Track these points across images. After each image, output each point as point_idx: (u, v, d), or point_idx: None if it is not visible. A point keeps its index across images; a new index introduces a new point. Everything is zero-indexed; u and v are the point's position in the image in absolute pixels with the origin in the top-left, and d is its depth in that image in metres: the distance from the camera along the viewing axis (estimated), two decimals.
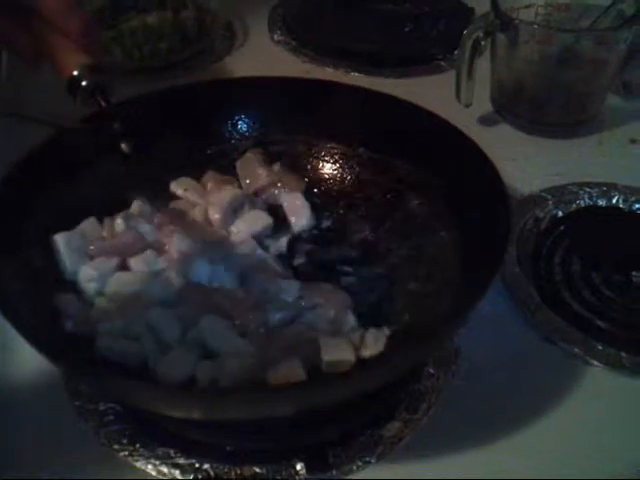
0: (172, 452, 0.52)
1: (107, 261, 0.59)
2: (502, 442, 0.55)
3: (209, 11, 0.99)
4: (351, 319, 0.57)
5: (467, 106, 0.82)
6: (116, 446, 0.52)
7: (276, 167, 0.69)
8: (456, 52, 0.91)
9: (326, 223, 0.67)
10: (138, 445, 0.52)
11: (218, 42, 0.97)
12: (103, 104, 0.65)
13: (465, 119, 0.69)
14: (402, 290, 0.60)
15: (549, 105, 0.82)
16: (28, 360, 0.58)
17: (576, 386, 0.58)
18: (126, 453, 0.52)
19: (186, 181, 0.68)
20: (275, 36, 0.99)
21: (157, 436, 0.53)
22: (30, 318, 0.50)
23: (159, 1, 0.97)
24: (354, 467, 0.52)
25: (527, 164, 0.78)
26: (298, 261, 0.64)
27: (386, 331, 0.55)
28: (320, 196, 0.69)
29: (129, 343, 0.54)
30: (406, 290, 0.60)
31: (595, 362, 0.59)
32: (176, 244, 0.61)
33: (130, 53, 0.90)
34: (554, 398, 0.58)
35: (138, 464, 0.52)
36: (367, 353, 0.54)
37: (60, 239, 0.59)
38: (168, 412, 0.49)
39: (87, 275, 0.58)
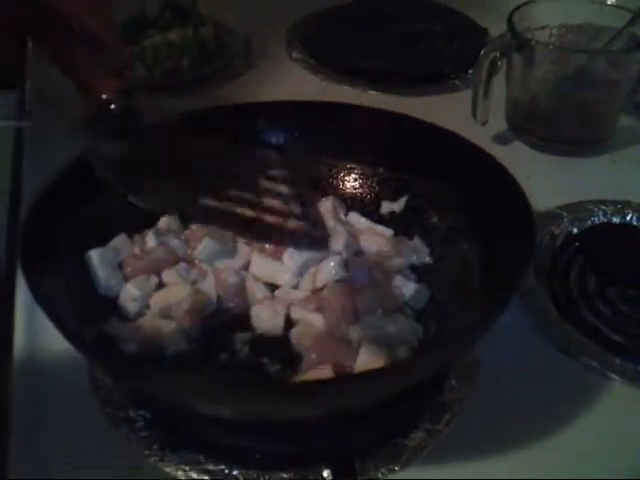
0: (202, 458, 0.53)
1: (148, 280, 0.61)
2: (521, 453, 0.55)
3: (227, 28, 1.01)
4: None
5: (483, 124, 0.84)
6: (146, 452, 0.53)
7: None
8: (470, 71, 0.94)
9: None
10: (168, 451, 0.53)
11: (237, 59, 0.99)
12: (132, 127, 0.67)
13: (480, 137, 0.70)
14: (430, 301, 0.62)
15: (563, 124, 0.84)
16: (57, 367, 0.60)
17: (594, 399, 0.59)
18: (156, 459, 0.53)
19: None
20: (293, 54, 1.01)
21: (187, 442, 0.54)
22: (69, 323, 0.51)
23: (179, 18, 0.99)
24: (379, 475, 0.53)
25: (542, 181, 0.79)
26: None
27: (414, 342, 0.57)
28: None
29: None
30: (433, 301, 0.62)
31: (613, 376, 0.60)
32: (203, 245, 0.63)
33: (152, 69, 0.92)
34: (572, 411, 0.59)
35: (168, 469, 0.53)
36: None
37: (94, 255, 0.61)
38: (200, 406, 0.50)
39: (130, 295, 0.60)
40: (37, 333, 0.61)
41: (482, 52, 0.80)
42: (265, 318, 0.60)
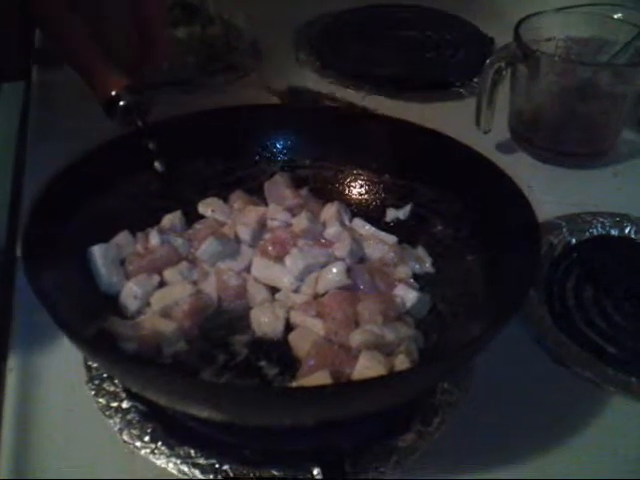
0: (193, 452, 0.53)
1: (149, 278, 0.61)
2: (512, 459, 0.56)
3: (236, 28, 1.02)
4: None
5: (486, 132, 0.84)
6: (138, 443, 0.54)
7: (303, 191, 0.71)
8: (475, 80, 0.94)
9: None
10: (160, 444, 0.54)
11: (244, 59, 0.99)
12: (140, 124, 0.68)
13: (482, 145, 0.71)
14: (431, 310, 0.62)
15: (566, 136, 0.85)
16: (52, 358, 0.60)
17: (586, 408, 0.60)
18: (148, 451, 0.53)
19: (213, 202, 0.70)
20: (300, 56, 1.01)
21: (179, 435, 0.54)
22: (68, 318, 0.52)
23: (187, 16, 0.99)
24: (369, 475, 0.53)
25: (542, 192, 0.79)
26: None
27: (414, 350, 0.57)
28: None
29: None
30: (435, 310, 0.62)
31: (606, 386, 0.61)
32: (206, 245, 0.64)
33: (159, 66, 0.92)
34: (565, 420, 0.59)
35: (159, 462, 0.53)
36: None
37: (97, 251, 0.61)
38: (190, 409, 0.51)
39: (131, 292, 0.60)
40: (33, 324, 0.61)
41: (487, 61, 0.81)
42: (265, 321, 0.60)
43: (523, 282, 0.55)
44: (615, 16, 0.84)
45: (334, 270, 0.62)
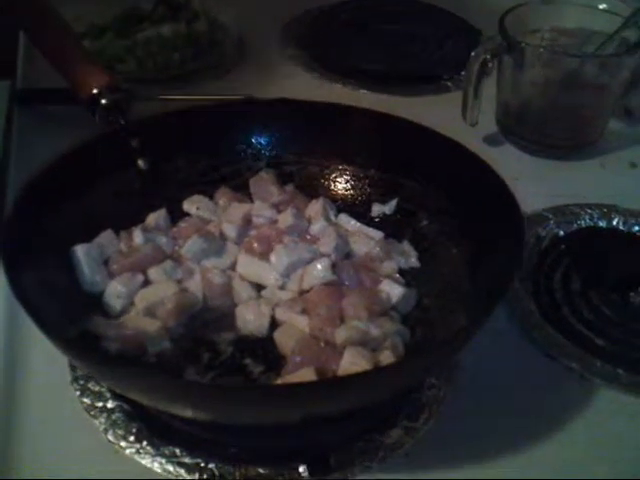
0: (178, 451, 0.53)
1: (133, 277, 0.61)
2: (501, 453, 0.56)
3: (221, 24, 1.01)
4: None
5: (473, 125, 0.84)
6: (123, 443, 0.53)
7: (289, 187, 0.70)
8: (462, 73, 0.93)
9: None
10: (145, 443, 0.53)
11: (230, 55, 0.99)
12: (122, 122, 0.67)
13: (470, 138, 0.71)
14: (417, 305, 0.62)
15: (553, 127, 0.84)
16: (37, 357, 0.60)
17: (574, 401, 0.60)
18: (133, 450, 0.53)
19: (198, 199, 0.69)
20: (286, 51, 1.01)
21: (164, 435, 0.54)
22: (49, 318, 0.51)
23: (173, 13, 0.99)
24: (355, 471, 0.53)
25: (530, 184, 0.79)
26: None
27: (400, 345, 0.57)
28: None
29: None
30: (420, 305, 0.62)
31: (593, 378, 0.60)
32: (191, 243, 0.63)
33: (144, 63, 0.92)
34: (552, 412, 0.59)
35: (144, 462, 0.53)
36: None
37: (80, 250, 0.60)
38: (174, 409, 0.50)
39: (115, 292, 0.60)
40: (16, 323, 0.61)
41: (473, 53, 0.80)
42: (250, 319, 0.60)
43: (507, 273, 0.55)
44: (600, 7, 0.84)
45: (319, 266, 0.62)
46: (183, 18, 0.97)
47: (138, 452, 0.53)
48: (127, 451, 0.53)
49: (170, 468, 0.52)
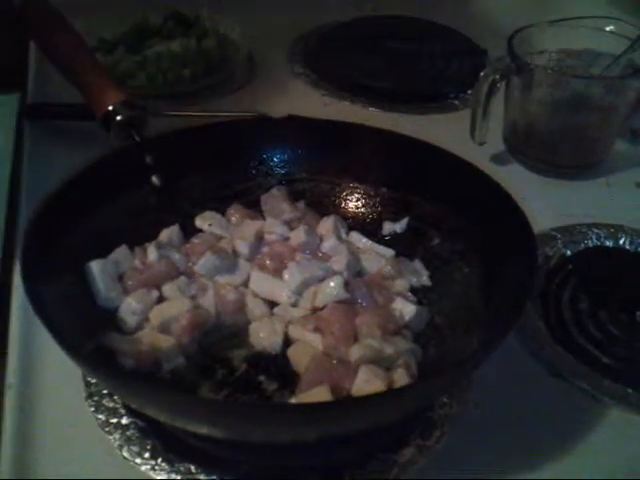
0: (193, 468, 0.53)
1: (148, 294, 0.61)
2: (510, 472, 0.56)
3: (231, 41, 1.02)
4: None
5: (481, 144, 0.85)
6: (138, 460, 0.54)
7: (300, 205, 0.71)
8: (469, 92, 0.95)
9: None
10: (160, 460, 0.54)
11: (239, 71, 1.00)
12: (137, 138, 0.68)
13: (477, 157, 0.71)
14: (429, 324, 0.63)
15: (560, 147, 0.85)
16: (52, 374, 0.60)
17: (583, 420, 0.60)
18: (148, 467, 0.53)
19: (211, 215, 0.70)
20: (295, 68, 1.02)
21: (179, 452, 0.54)
22: (67, 333, 0.52)
23: (183, 29, 1.00)
24: None
25: (537, 203, 0.79)
26: None
27: (413, 364, 0.57)
28: None
29: None
30: (432, 324, 0.63)
31: (602, 397, 0.61)
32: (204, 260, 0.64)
33: (154, 78, 0.93)
34: (562, 430, 0.59)
35: (159, 478, 0.53)
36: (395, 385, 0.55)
37: (95, 266, 0.61)
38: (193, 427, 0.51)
39: (130, 308, 0.60)
40: (32, 339, 0.62)
41: (482, 74, 0.81)
42: (263, 336, 0.60)
43: (521, 295, 0.56)
44: (607, 29, 0.85)
45: (332, 284, 0.62)
46: (193, 34, 0.98)
47: (153, 469, 0.53)
48: (142, 468, 0.53)
49: None
